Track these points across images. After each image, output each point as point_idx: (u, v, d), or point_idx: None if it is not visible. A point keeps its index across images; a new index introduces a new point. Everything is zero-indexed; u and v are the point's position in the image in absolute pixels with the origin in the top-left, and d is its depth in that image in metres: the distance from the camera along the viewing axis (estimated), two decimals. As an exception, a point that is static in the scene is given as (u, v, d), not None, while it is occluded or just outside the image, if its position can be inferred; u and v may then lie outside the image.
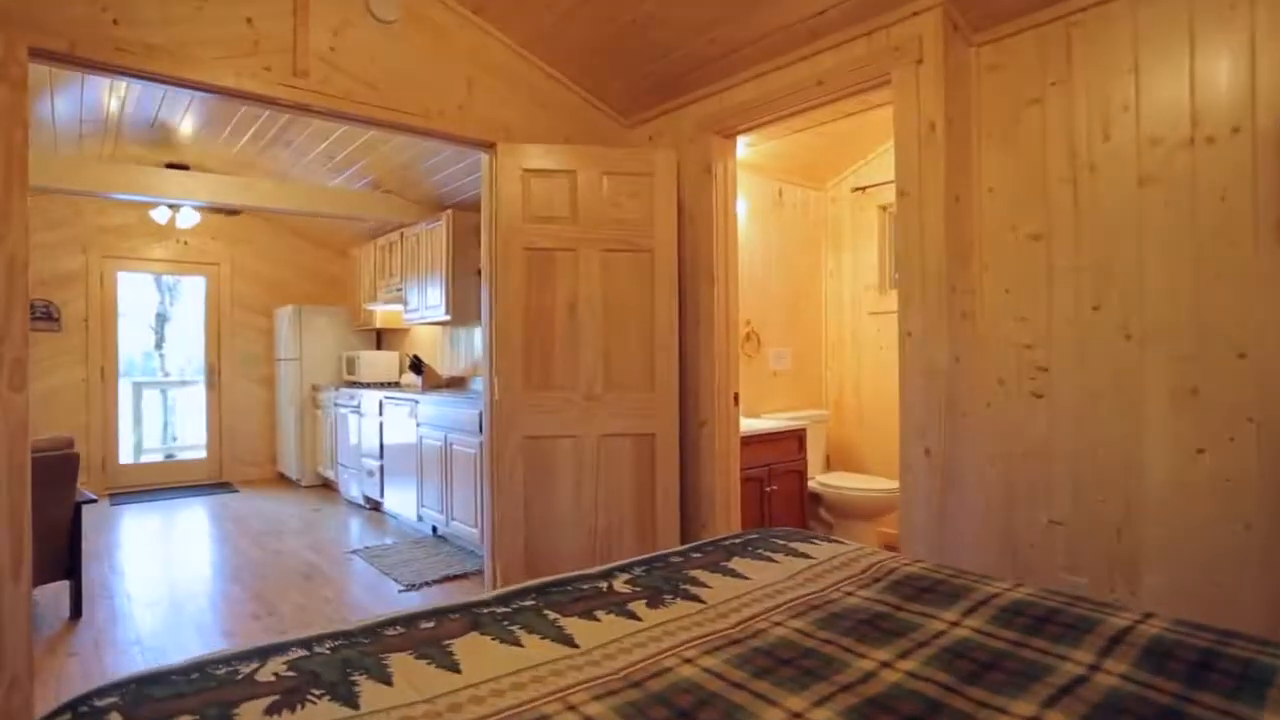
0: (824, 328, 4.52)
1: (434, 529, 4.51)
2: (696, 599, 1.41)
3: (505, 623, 1.27)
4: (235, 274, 6.54)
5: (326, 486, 6.21)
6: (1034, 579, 2.34)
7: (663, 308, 3.03)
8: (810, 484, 3.75)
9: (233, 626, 2.98)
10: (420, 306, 5.23)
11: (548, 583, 1.49)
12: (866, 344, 4.28)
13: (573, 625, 1.27)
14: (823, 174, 4.40)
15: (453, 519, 4.10)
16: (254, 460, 6.65)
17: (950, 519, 2.31)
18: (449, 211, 4.90)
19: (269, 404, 6.70)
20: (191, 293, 6.55)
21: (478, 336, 5.17)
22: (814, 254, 4.46)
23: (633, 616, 1.31)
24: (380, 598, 3.33)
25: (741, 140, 3.24)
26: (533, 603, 1.38)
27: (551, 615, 1.31)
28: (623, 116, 3.38)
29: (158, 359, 6.66)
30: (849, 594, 1.44)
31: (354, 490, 5.43)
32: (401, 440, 4.69)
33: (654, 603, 1.38)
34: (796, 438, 3.52)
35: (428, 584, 3.53)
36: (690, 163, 3.12)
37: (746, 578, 1.54)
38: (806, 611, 1.34)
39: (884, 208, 4.26)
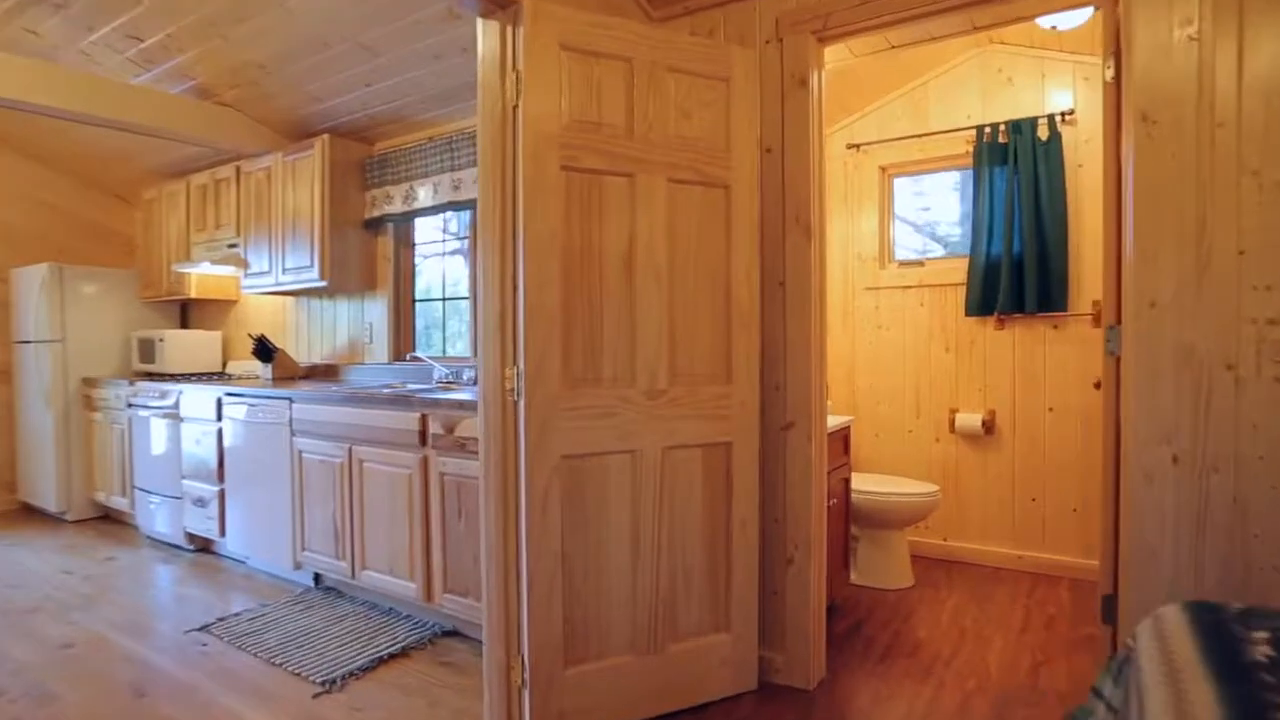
0: (808, 306, 3.90)
1: (316, 579, 3.21)
2: None
3: None
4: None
5: (109, 519, 4.44)
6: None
7: (742, 266, 2.18)
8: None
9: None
10: (273, 270, 3.80)
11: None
12: (862, 324, 3.74)
13: None
14: (809, 127, 3.76)
15: (363, 566, 2.89)
16: (-20, 487, 4.61)
17: (1205, 542, 1.76)
18: (323, 138, 3.55)
19: (4, 404, 4.67)
20: None
21: (368, 310, 3.86)
22: (801, 219, 3.81)
23: None
24: (290, 715, 2.11)
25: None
26: None
27: None
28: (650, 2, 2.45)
29: None
30: None
31: (163, 524, 3.85)
32: (259, 455, 3.30)
33: None
34: (842, 438, 2.86)
35: (356, 675, 2.35)
36: (767, 74, 2.28)
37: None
38: None
39: (886, 169, 3.72)
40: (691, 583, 2.12)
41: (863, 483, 3.17)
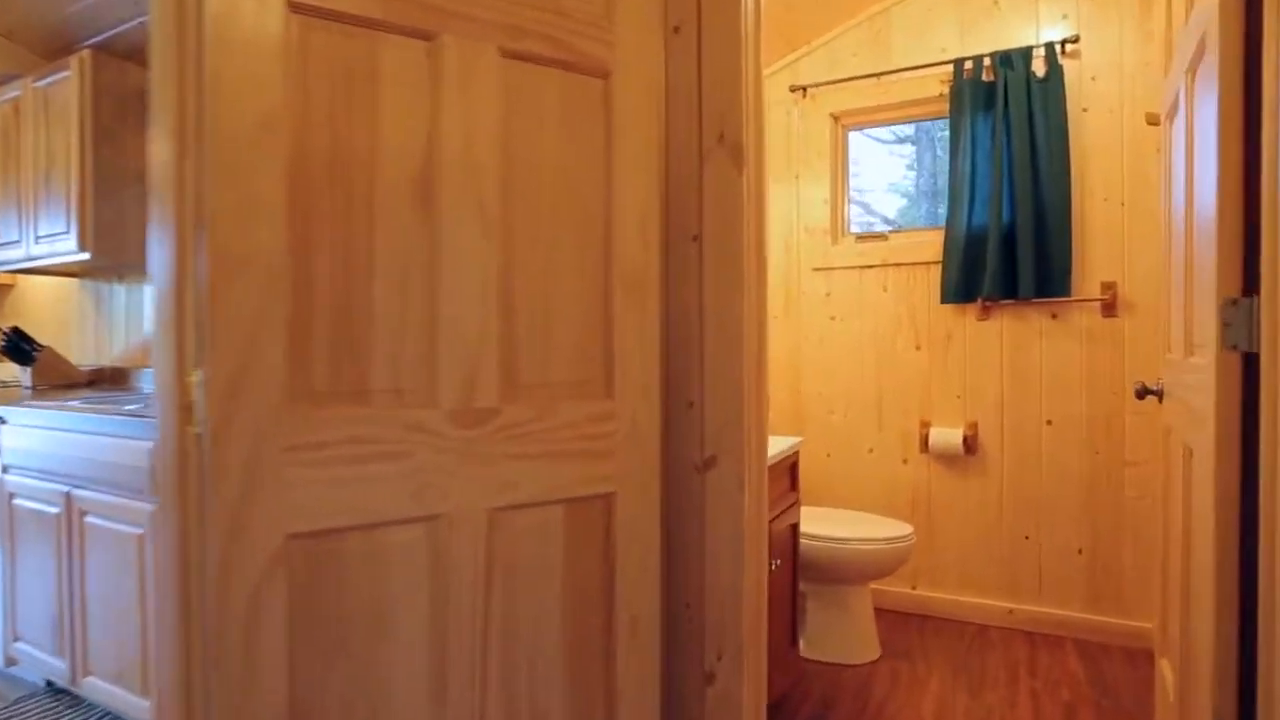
0: (743, 292, 3.10)
1: (49, 684, 2.23)
2: None
3: None
4: None
5: None
6: None
7: (632, 208, 1.35)
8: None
9: None
10: (24, 239, 2.78)
11: None
12: (810, 313, 2.96)
13: None
14: (744, 66, 2.97)
15: (86, 671, 1.94)
16: None
17: None
18: (83, 55, 2.57)
19: None
20: None
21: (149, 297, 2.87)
22: (734, 182, 3.01)
23: None
24: None
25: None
26: None
27: None
28: None
29: None
30: None
31: None
32: (-34, 499, 2.29)
33: None
34: (788, 468, 2.06)
35: None
36: (672, -93, 1.46)
37: None
38: None
39: (839, 118, 2.96)
40: (547, 733, 1.27)
41: (813, 522, 2.38)
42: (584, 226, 1.31)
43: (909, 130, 2.95)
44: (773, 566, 1.80)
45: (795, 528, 2.10)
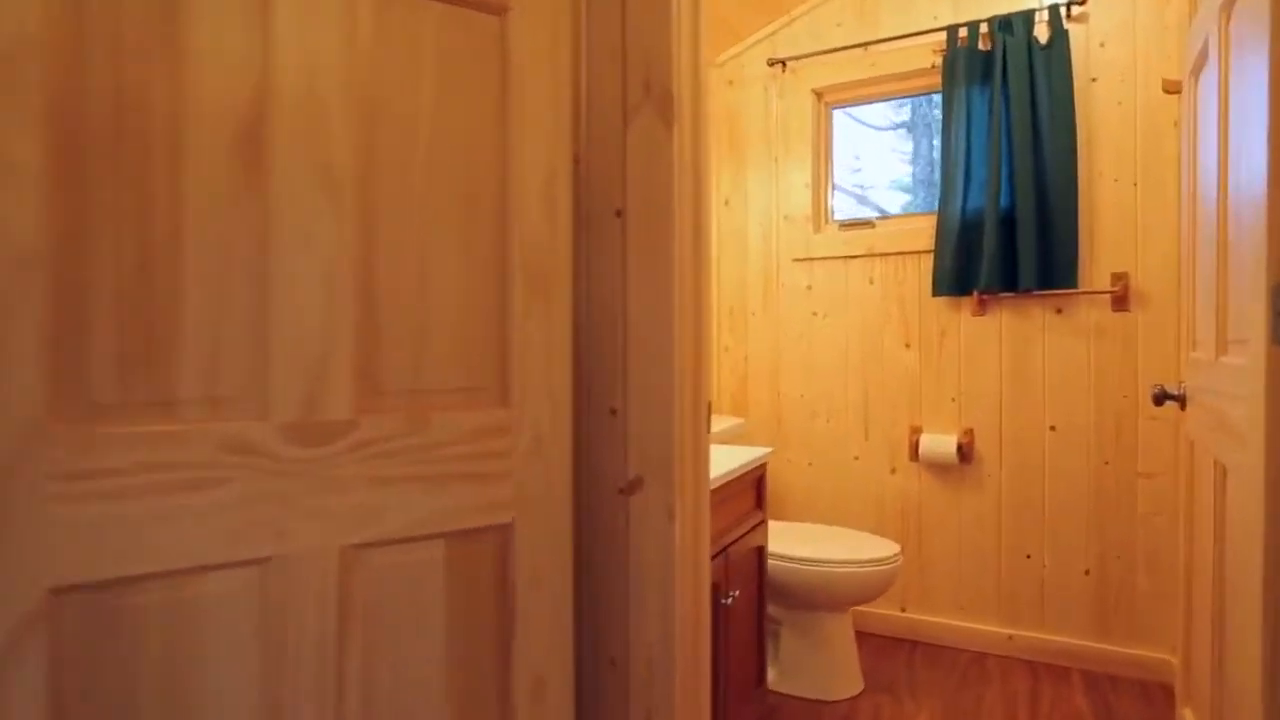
0: (716, 283, 2.86)
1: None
2: None
3: None
4: None
5: None
6: None
7: (535, 172, 1.10)
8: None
9: None
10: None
11: None
12: (790, 308, 2.71)
13: None
14: (716, 37, 2.73)
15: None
16: None
17: None
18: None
19: None
20: None
21: None
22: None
23: None
24: None
25: None
26: None
27: None
28: None
29: None
30: None
31: None
32: None
33: None
34: (753, 483, 1.81)
35: None
36: None
37: None
38: None
39: (822, 94, 2.71)
40: (423, 821, 1.02)
41: (787, 540, 2.13)
42: (473, 198, 1.06)
43: (905, 115, 2.69)
44: (727, 600, 1.55)
45: (761, 550, 1.85)
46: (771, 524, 2.35)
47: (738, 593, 1.63)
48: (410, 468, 1.01)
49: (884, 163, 2.70)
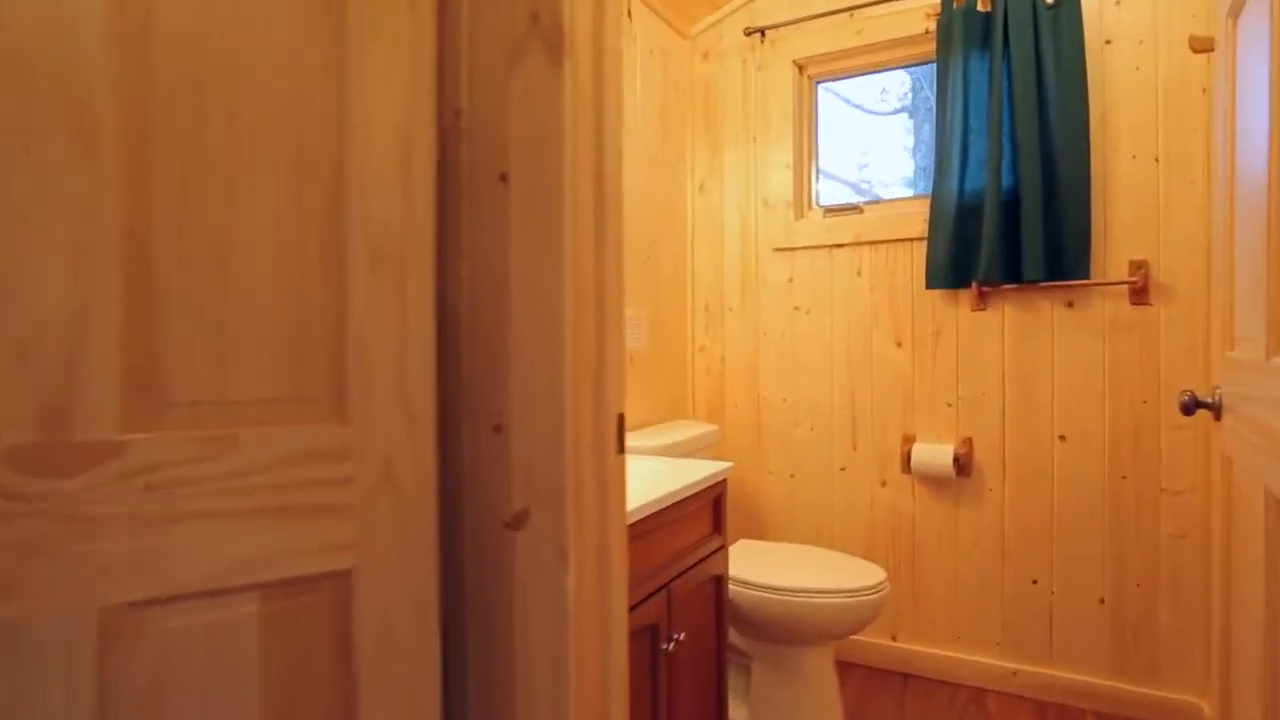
0: (690, 276, 2.62)
1: None
2: None
3: None
4: None
5: None
6: None
7: (384, 128, 0.86)
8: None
9: None
10: None
11: None
12: (769, 304, 2.46)
13: None
14: (691, 6, 2.48)
15: None
16: None
17: None
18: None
19: None
20: None
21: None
22: (674, 148, 2.53)
23: None
24: None
25: None
26: None
27: None
28: None
29: None
30: None
31: None
32: None
33: None
34: (710, 503, 1.57)
35: None
36: None
37: None
38: None
39: (805, 67, 2.46)
40: None
41: (759, 565, 1.88)
42: (297, 159, 0.82)
43: (904, 100, 2.43)
44: (668, 645, 1.31)
45: (720, 580, 1.61)
46: (745, 545, 2.10)
47: (682, 635, 1.39)
48: (210, 501, 0.77)
49: (894, 158, 2.44)
